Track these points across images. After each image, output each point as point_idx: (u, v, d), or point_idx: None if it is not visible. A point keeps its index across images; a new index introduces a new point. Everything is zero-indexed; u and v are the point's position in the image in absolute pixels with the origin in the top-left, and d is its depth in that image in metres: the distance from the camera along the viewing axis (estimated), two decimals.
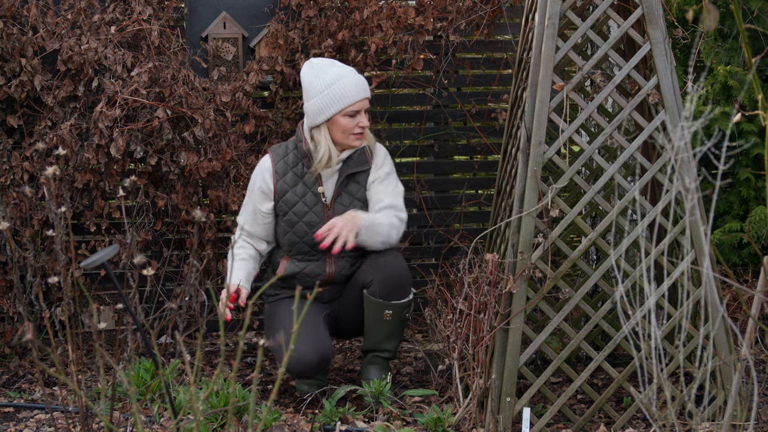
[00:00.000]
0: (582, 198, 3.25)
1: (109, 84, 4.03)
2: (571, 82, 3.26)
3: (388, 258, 3.58)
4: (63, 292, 2.69)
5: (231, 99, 4.23)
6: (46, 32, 4.11)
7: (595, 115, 3.31)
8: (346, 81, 3.57)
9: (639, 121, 3.28)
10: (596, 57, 3.26)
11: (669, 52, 3.23)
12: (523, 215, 3.20)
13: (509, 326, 3.19)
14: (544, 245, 3.19)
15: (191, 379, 1.98)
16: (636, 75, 3.26)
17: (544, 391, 3.26)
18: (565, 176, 3.22)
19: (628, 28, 3.26)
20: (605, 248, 3.29)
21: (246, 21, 4.45)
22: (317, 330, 3.53)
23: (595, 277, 3.23)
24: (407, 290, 3.60)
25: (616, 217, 3.21)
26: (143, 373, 3.52)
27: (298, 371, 3.48)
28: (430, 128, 4.69)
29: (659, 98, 3.24)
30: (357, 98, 3.56)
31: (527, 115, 3.26)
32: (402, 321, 3.61)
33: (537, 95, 3.23)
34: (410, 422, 3.35)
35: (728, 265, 4.82)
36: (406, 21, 4.34)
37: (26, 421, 3.43)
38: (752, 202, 4.80)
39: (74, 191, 4.17)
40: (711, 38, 4.81)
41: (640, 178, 3.23)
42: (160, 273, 4.30)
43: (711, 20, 2.22)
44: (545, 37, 3.23)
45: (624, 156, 3.22)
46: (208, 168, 4.14)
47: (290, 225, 3.61)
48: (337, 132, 3.58)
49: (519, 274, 3.18)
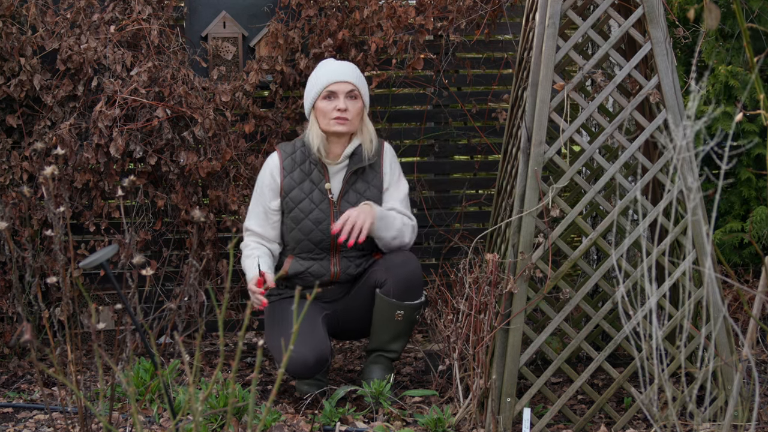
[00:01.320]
0: (583, 198, 3.24)
1: (108, 83, 4.03)
2: (572, 81, 3.25)
3: (403, 258, 3.58)
4: (62, 292, 2.68)
5: (231, 98, 4.22)
6: (46, 31, 4.11)
7: (596, 115, 3.30)
8: (327, 65, 3.67)
9: (640, 120, 3.27)
10: (597, 56, 3.25)
11: (670, 52, 3.22)
12: (524, 215, 3.19)
13: (510, 326, 3.18)
14: (545, 245, 3.19)
15: (190, 380, 1.97)
16: (637, 74, 3.25)
17: (544, 391, 3.25)
18: (566, 176, 3.21)
19: (629, 27, 3.25)
20: (606, 248, 3.28)
21: (246, 20, 4.44)
22: (315, 330, 3.51)
23: (596, 277, 3.22)
24: (420, 292, 3.59)
25: (617, 217, 3.20)
26: (142, 373, 3.52)
27: (295, 371, 3.47)
28: (431, 128, 4.68)
29: (660, 98, 3.23)
30: (331, 80, 3.60)
31: (528, 115, 3.25)
32: (412, 322, 3.60)
33: (538, 95, 3.22)
34: (410, 423, 3.34)
35: (729, 265, 4.81)
36: (407, 20, 4.34)
37: (25, 421, 3.42)
38: (753, 202, 4.79)
39: (73, 191, 4.16)
40: (712, 38, 4.80)
41: (641, 178, 3.22)
42: (159, 273, 4.29)
43: (712, 19, 2.21)
44: (546, 37, 3.22)
45: (625, 156, 3.22)
46: (208, 168, 4.13)
47: (296, 222, 3.61)
48: (321, 118, 3.62)
49: (519, 275, 3.17)
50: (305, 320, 3.54)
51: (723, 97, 4.72)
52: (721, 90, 4.70)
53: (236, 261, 4.01)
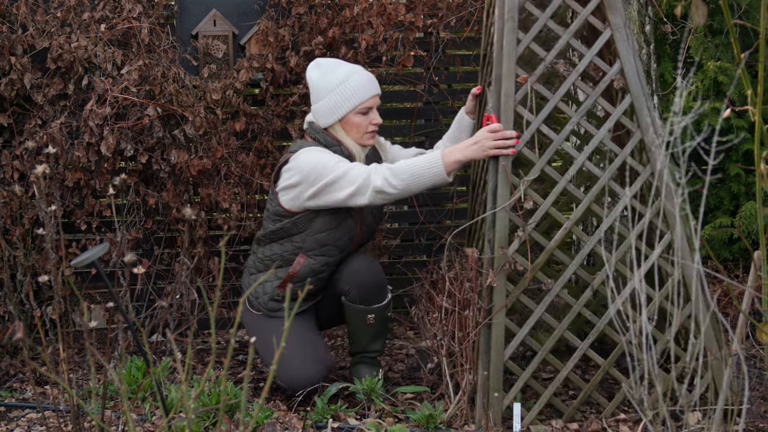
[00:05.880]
0: (554, 188, 3.24)
1: (99, 82, 4.03)
2: (535, 73, 3.25)
3: (362, 263, 3.55)
4: (54, 290, 2.68)
5: (221, 96, 4.23)
6: (36, 30, 4.10)
7: (562, 105, 3.30)
8: (358, 78, 3.49)
9: (606, 107, 3.27)
10: (558, 46, 3.25)
11: (630, 37, 3.23)
12: (497, 210, 3.20)
13: (492, 321, 3.19)
14: (521, 238, 3.19)
15: (182, 378, 1.97)
16: (599, 61, 3.26)
17: (533, 385, 3.26)
18: (536, 168, 3.22)
19: (588, 15, 3.26)
20: (582, 236, 3.28)
21: (236, 18, 4.44)
22: (316, 345, 3.52)
23: (573, 265, 3.22)
24: (385, 291, 3.59)
25: (590, 204, 3.21)
26: (134, 371, 3.52)
27: (302, 389, 3.45)
28: (421, 125, 4.69)
29: (624, 83, 3.24)
30: (369, 95, 3.48)
31: (494, 110, 3.26)
32: (385, 320, 3.61)
33: (502, 89, 3.22)
34: (402, 419, 3.35)
35: (719, 260, 4.83)
36: (397, 18, 4.35)
37: (17, 420, 3.42)
38: (742, 197, 4.82)
39: (64, 190, 4.16)
40: (701, 34, 4.82)
41: (611, 165, 3.23)
42: (150, 271, 4.30)
43: (700, 16, 2.22)
44: (506, 31, 3.23)
45: (593, 143, 3.22)
46: (199, 166, 4.14)
47: (328, 226, 3.50)
48: (351, 131, 3.49)
49: (499, 269, 3.18)
50: (304, 335, 3.53)
51: (712, 92, 4.74)
52: (710, 86, 4.72)
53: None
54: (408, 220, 4.73)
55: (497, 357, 3.19)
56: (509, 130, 3.19)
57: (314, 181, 3.36)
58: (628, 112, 3.27)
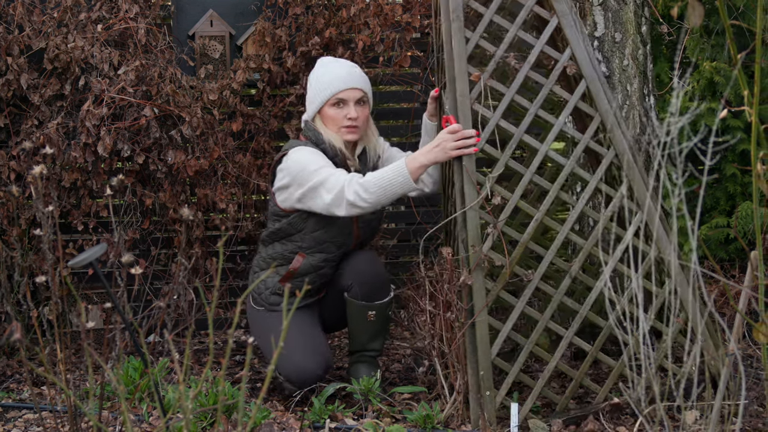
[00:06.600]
0: (521, 181, 3.24)
1: (96, 82, 4.03)
2: (487, 70, 3.25)
3: (365, 259, 3.57)
4: (51, 291, 2.68)
5: (218, 97, 4.23)
6: (33, 31, 4.10)
7: (518, 98, 3.28)
8: (333, 69, 3.52)
9: (562, 94, 3.26)
10: (507, 40, 3.24)
11: (578, 22, 3.22)
12: (467, 209, 3.20)
13: (475, 321, 3.19)
14: (493, 235, 3.19)
15: (180, 378, 1.98)
16: (549, 50, 3.24)
17: (526, 380, 3.25)
18: (500, 163, 3.21)
19: (533, 5, 3.25)
20: (553, 226, 3.27)
21: (233, 19, 4.44)
22: (317, 339, 3.52)
23: (549, 255, 3.21)
24: (387, 289, 3.60)
25: (558, 193, 3.21)
26: (132, 372, 3.52)
27: (301, 382, 3.46)
28: (418, 125, 4.69)
29: (577, 68, 3.23)
30: (342, 87, 3.49)
31: (451, 111, 3.26)
32: (386, 319, 3.62)
33: (457, 89, 3.22)
34: (400, 419, 3.35)
35: (715, 260, 4.84)
36: (393, 18, 4.35)
37: (14, 420, 3.42)
38: (739, 197, 4.83)
39: (61, 190, 4.16)
40: (697, 34, 4.83)
41: (575, 152, 3.23)
42: (148, 271, 4.30)
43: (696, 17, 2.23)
44: (454, 31, 3.22)
45: (553, 132, 3.21)
46: (196, 166, 4.14)
47: (323, 223, 3.51)
48: (329, 124, 3.51)
49: (474, 267, 3.17)
50: (305, 330, 3.53)
51: (708, 93, 4.75)
52: (706, 86, 4.74)
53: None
54: (405, 221, 4.74)
55: (484, 356, 3.18)
56: (469, 130, 3.19)
57: (301, 184, 3.39)
58: (588, 97, 3.26)
